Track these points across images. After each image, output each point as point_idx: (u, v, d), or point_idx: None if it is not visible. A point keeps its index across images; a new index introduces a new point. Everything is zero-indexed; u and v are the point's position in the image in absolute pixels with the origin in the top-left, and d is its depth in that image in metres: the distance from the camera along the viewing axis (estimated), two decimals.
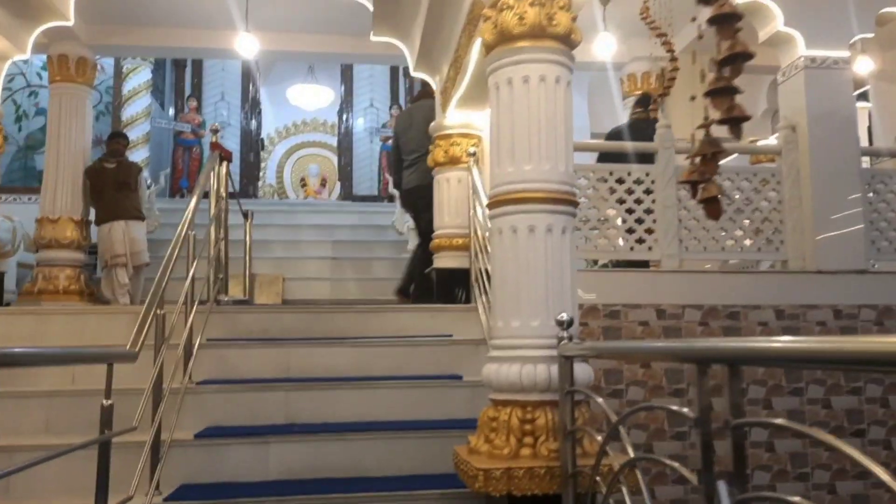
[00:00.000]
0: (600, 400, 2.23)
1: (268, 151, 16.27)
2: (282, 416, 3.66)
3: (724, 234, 5.01)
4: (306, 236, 8.19)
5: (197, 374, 3.80)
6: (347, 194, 11.13)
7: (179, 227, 3.73)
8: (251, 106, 11.49)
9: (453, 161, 4.84)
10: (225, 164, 4.71)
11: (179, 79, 10.80)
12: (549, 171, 2.80)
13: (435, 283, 4.67)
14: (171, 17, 6.72)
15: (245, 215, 6.51)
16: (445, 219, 4.86)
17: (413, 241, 7.98)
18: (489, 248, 2.94)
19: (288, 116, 16.15)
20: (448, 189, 4.87)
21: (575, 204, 2.87)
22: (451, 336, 4.20)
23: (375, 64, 11.10)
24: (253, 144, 11.46)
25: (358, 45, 7.00)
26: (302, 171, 16.25)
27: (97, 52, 6.89)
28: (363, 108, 11.65)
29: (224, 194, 4.61)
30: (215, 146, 4.51)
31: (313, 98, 14.53)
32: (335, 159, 13.59)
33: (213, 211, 4.50)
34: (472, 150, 4.62)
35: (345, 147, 11.69)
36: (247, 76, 11.43)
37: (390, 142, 10.25)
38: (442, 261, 4.84)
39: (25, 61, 7.85)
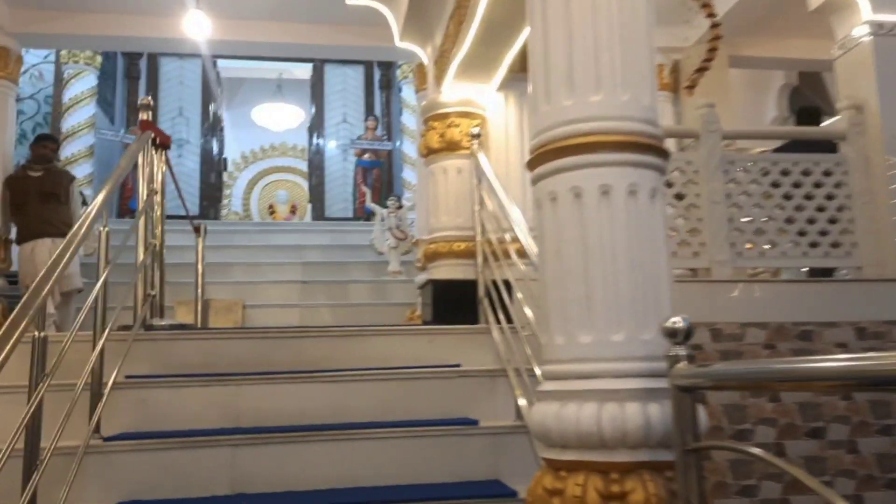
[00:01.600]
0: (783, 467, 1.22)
1: (233, 178, 15.23)
2: (226, 484, 2.58)
3: (782, 235, 4.08)
4: (271, 258, 7.14)
5: (109, 426, 2.71)
6: (319, 217, 10.10)
7: (79, 222, 2.68)
8: (213, 123, 10.47)
9: (451, 146, 3.87)
10: (161, 151, 3.68)
11: (132, 91, 9.77)
12: (629, 104, 1.83)
13: (432, 298, 3.65)
14: (113, 2, 5.73)
15: (196, 230, 5.47)
16: (442, 218, 3.87)
17: (395, 262, 6.99)
18: (540, 221, 1.93)
19: (254, 140, 15.15)
20: (445, 181, 3.88)
21: (666, 155, 1.89)
22: (458, 366, 3.18)
23: (348, 59, 10.18)
24: (214, 164, 10.41)
25: (329, 35, 6.07)
26: (270, 198, 15.21)
27: (23, 43, 5.85)
28: (335, 125, 10.69)
29: (158, 187, 3.57)
30: (146, 125, 3.48)
31: (281, 118, 13.59)
32: (305, 185, 12.60)
33: (140, 204, 3.45)
34: (475, 130, 3.65)
35: (315, 167, 10.70)
36: (208, 91, 10.43)
37: (366, 156, 9.33)
38: (439, 271, 3.83)
39: None
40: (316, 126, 10.86)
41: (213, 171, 10.25)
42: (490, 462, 2.77)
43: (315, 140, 10.78)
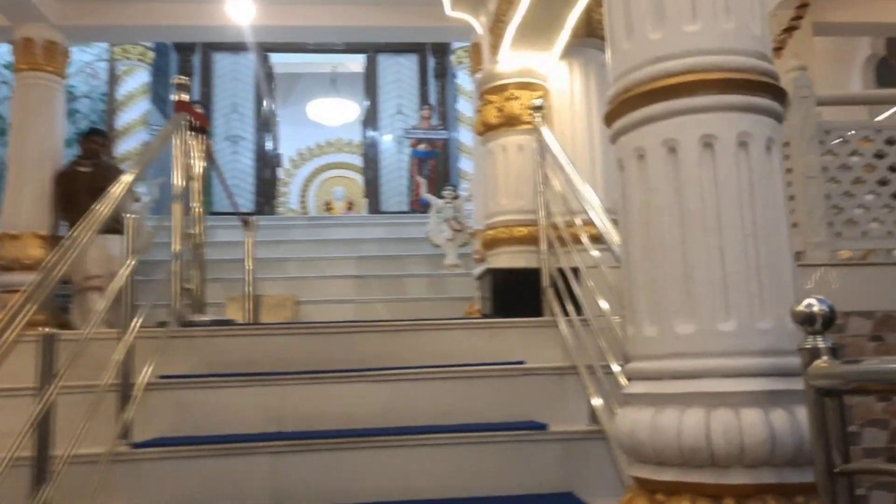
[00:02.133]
0: None
1: (290, 175, 15.21)
2: (266, 497, 2.32)
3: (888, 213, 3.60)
4: (326, 252, 6.92)
5: (140, 431, 2.48)
6: (374, 211, 9.88)
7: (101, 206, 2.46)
8: (267, 119, 10.36)
9: (511, 121, 3.52)
10: (201, 136, 3.45)
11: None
12: (735, 34, 1.47)
13: (491, 290, 3.32)
14: None
15: (245, 223, 5.29)
16: (502, 202, 3.52)
17: (452, 255, 6.69)
18: (623, 186, 1.58)
19: (310, 137, 15.11)
20: (505, 160, 3.54)
21: (783, 96, 1.51)
22: (522, 363, 2.83)
23: (401, 49, 9.93)
24: (269, 160, 10.30)
25: (380, 16, 5.79)
26: (327, 195, 15.13)
27: (70, 36, 5.76)
28: (390, 116, 10.44)
29: (197, 173, 3.34)
30: (182, 106, 3.26)
31: (336, 113, 13.47)
32: (361, 180, 12.44)
33: (178, 188, 3.22)
34: (537, 101, 3.30)
35: (370, 160, 10.48)
36: (261, 85, 10.33)
37: (421, 146, 9.04)
38: (499, 259, 3.49)
39: None
40: (370, 119, 10.64)
41: (267, 167, 10.14)
42: (562, 472, 2.43)
43: (369, 133, 10.57)
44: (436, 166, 8.83)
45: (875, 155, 3.61)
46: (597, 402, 2.46)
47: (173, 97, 3.27)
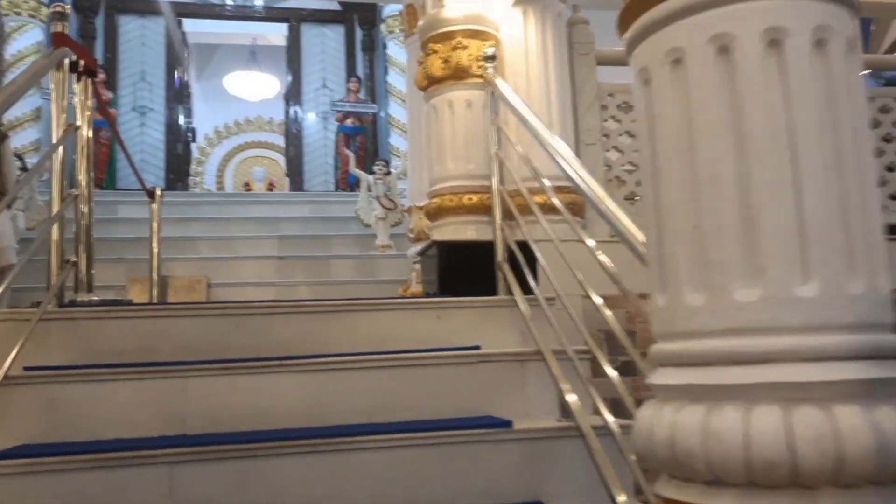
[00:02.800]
0: None
1: (206, 154, 14.32)
2: None
3: None
4: (243, 231, 6.33)
5: None
6: (298, 190, 9.28)
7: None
8: (179, 90, 9.58)
9: (458, 74, 3.09)
10: (87, 81, 2.86)
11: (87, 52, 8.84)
12: None
13: (437, 266, 2.89)
14: None
15: (150, 195, 4.67)
16: (448, 166, 3.08)
17: (383, 235, 6.22)
18: (646, 101, 1.16)
19: (228, 114, 14.26)
20: (452, 118, 3.10)
21: None
22: (477, 348, 2.42)
23: (326, 17, 9.33)
24: (181, 134, 9.53)
25: None
26: (245, 176, 14.33)
27: None
28: (314, 90, 9.84)
29: (84, 122, 2.75)
30: (60, 39, 2.66)
31: (256, 88, 12.72)
32: (283, 161, 11.76)
33: (55, 138, 2.63)
34: (489, 50, 2.88)
35: (293, 137, 9.85)
36: (173, 53, 9.53)
37: (349, 121, 8.50)
38: (445, 231, 3.06)
39: None
40: (293, 93, 10.01)
41: (179, 141, 9.37)
42: (527, 477, 2.03)
43: (292, 108, 9.93)
44: (364, 143, 8.31)
45: None
46: (570, 394, 2.07)
47: (55, 29, 2.66)
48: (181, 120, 9.53)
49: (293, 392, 2.21)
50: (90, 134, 2.81)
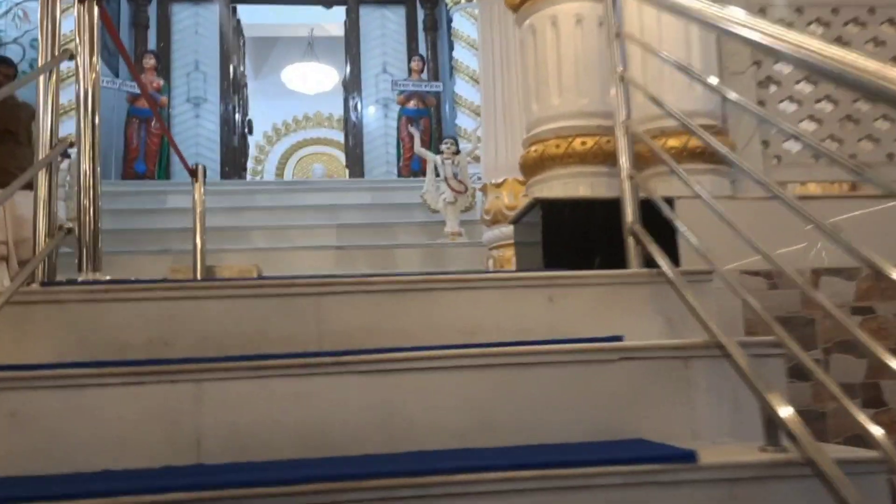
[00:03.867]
0: None
1: (265, 152, 13.96)
2: None
3: None
4: (299, 220, 5.74)
5: None
6: (357, 178, 8.69)
7: None
8: (234, 81, 9.13)
9: None
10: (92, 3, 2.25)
11: (139, 41, 8.48)
12: None
13: (542, 231, 2.16)
14: None
15: (193, 173, 4.12)
16: (554, 101, 2.34)
17: (453, 222, 5.53)
18: None
19: (287, 110, 13.87)
20: (556, 40, 2.35)
21: None
22: (618, 340, 1.68)
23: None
24: (237, 126, 9.07)
25: None
26: (305, 173, 13.91)
27: None
28: (374, 76, 9.25)
29: (85, 50, 2.15)
30: None
31: (314, 80, 12.24)
32: (342, 156, 11.22)
33: (42, 61, 2.03)
34: None
35: (353, 127, 9.27)
36: (227, 43, 9.08)
37: (412, 104, 7.84)
38: (550, 187, 2.33)
39: None
40: (352, 82, 9.44)
41: (235, 133, 8.91)
42: None
43: (351, 98, 9.36)
44: (429, 126, 7.65)
45: None
46: (782, 406, 1.32)
47: None
48: (236, 111, 9.07)
49: (354, 402, 1.52)
50: (96, 64, 2.20)
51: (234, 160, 8.84)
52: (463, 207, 5.58)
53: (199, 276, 4.01)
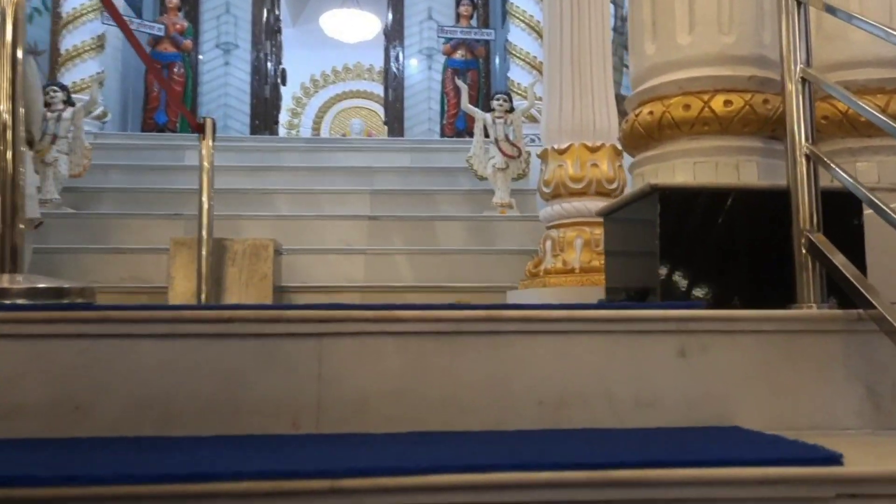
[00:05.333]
0: None
1: (301, 104, 13.29)
2: None
3: None
4: (329, 183, 5.07)
5: None
6: (397, 137, 7.97)
7: None
8: (267, 25, 8.41)
9: None
10: None
11: None
12: None
13: (661, 236, 1.45)
14: None
15: (199, 127, 3.47)
16: (679, 39, 1.57)
17: (503, 191, 4.79)
18: None
19: (326, 61, 13.13)
20: None
21: None
22: (836, 460, 0.97)
23: None
24: (269, 76, 8.39)
25: None
26: (343, 127, 13.23)
27: None
28: (418, 23, 8.44)
29: None
30: None
31: (354, 27, 11.43)
32: (382, 111, 10.48)
33: None
34: None
35: (393, 79, 8.52)
36: None
37: (458, 54, 7.04)
38: (671, 169, 1.59)
39: None
40: (394, 31, 8.64)
41: (267, 83, 8.23)
42: None
43: (393, 49, 8.58)
44: (476, 80, 6.85)
45: None
46: None
47: None
48: (269, 60, 8.38)
49: None
50: None
51: (265, 113, 8.18)
52: (515, 174, 4.84)
53: (204, 251, 3.39)
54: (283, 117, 11.59)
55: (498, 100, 4.84)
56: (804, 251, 1.31)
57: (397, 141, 6.52)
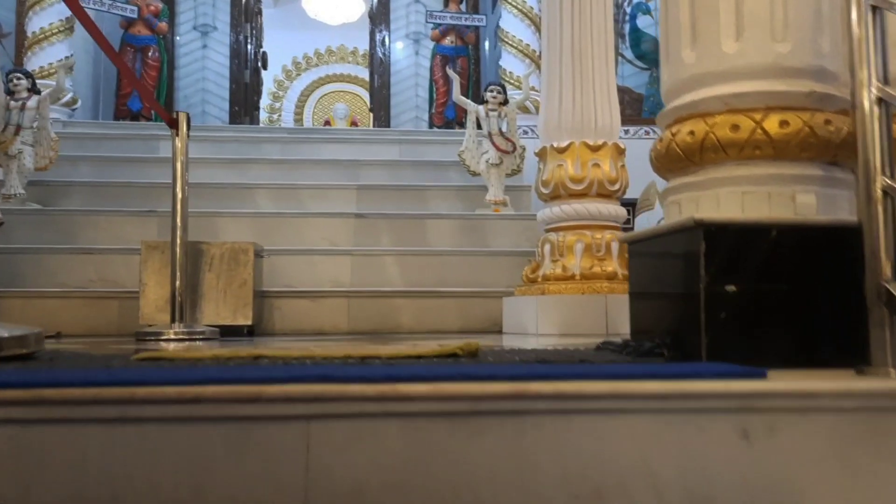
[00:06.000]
0: None
1: (283, 87, 12.93)
2: None
3: None
4: (313, 177, 4.82)
5: None
6: (384, 128, 7.71)
7: None
8: (247, 6, 8.07)
9: None
10: None
11: None
12: None
13: (706, 283, 1.24)
14: None
15: (172, 122, 3.23)
16: (724, 43, 1.35)
17: (497, 188, 4.54)
18: None
19: (308, 44, 12.76)
20: None
21: None
22: None
23: None
24: (249, 60, 8.06)
25: None
26: (326, 112, 12.90)
27: None
28: (405, 6, 8.15)
29: None
30: None
31: (338, 8, 11.11)
32: (368, 97, 10.17)
33: None
34: None
35: (379, 65, 8.23)
36: None
37: (447, 40, 6.77)
38: (714, 197, 1.38)
39: None
40: (380, 12, 8.34)
41: (247, 68, 7.92)
42: None
43: (379, 32, 8.28)
44: (467, 68, 6.59)
45: None
46: None
47: None
48: (249, 43, 8.05)
49: None
50: None
51: (245, 98, 7.87)
52: (509, 170, 4.61)
53: (179, 253, 3.13)
54: (265, 101, 11.26)
55: (492, 91, 4.60)
56: (881, 304, 1.11)
57: (384, 132, 6.26)
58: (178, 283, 3.13)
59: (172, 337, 2.96)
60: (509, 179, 4.71)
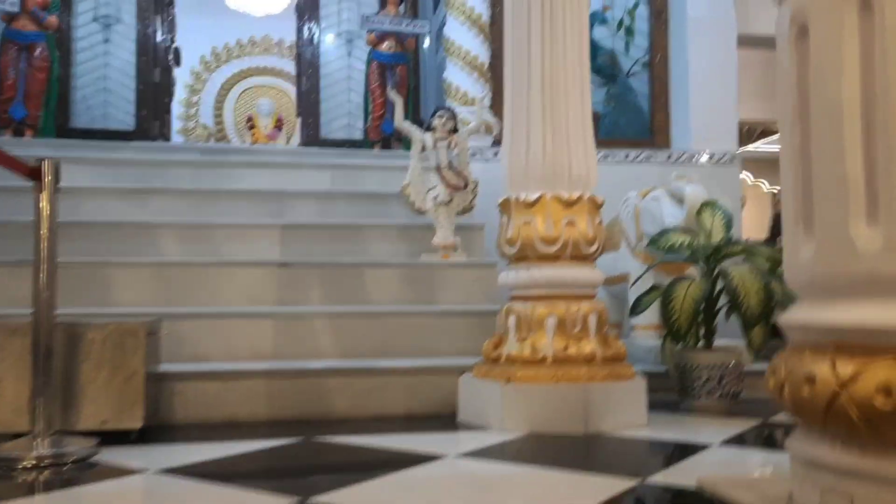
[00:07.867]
0: None
1: (201, 80, 11.92)
2: None
3: None
4: (228, 214, 4.08)
5: None
6: (312, 138, 6.93)
7: None
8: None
9: None
10: None
11: None
12: None
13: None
14: None
15: (33, 172, 2.53)
16: None
17: (446, 230, 3.89)
18: None
19: (228, 33, 11.78)
20: None
21: None
22: None
23: None
24: (159, 56, 7.14)
25: None
26: (249, 108, 11.97)
27: None
28: (337, 1, 7.38)
29: None
30: None
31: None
32: (294, 94, 9.35)
33: None
34: None
35: (307, 64, 7.44)
36: None
37: (385, 46, 6.06)
38: None
39: None
40: (308, 6, 7.54)
41: (157, 65, 7.00)
42: None
43: (306, 26, 7.49)
44: (405, 77, 5.91)
45: None
46: None
47: None
48: (159, 36, 7.13)
49: None
50: None
51: (154, 100, 6.94)
52: (460, 208, 4.00)
53: (44, 343, 2.39)
54: (180, 94, 10.29)
55: (441, 117, 3.96)
56: None
57: (314, 154, 5.48)
58: (41, 381, 2.40)
59: (32, 464, 2.25)
60: (460, 218, 4.10)
